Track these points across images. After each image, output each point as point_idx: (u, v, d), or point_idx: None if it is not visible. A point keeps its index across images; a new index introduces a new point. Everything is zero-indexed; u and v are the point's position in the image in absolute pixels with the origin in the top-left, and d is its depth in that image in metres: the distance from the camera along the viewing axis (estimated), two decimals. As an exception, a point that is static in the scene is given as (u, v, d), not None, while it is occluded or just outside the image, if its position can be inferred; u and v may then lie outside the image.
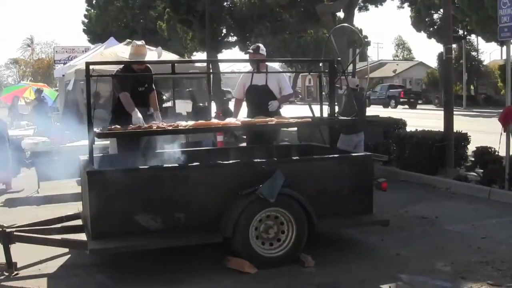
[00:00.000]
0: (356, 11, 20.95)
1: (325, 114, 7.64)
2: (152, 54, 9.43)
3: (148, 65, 8.42)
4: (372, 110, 27.92)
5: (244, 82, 8.82)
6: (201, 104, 17.75)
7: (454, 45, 40.10)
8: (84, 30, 42.90)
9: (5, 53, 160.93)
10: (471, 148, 11.45)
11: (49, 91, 22.24)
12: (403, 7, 24.80)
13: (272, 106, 8.37)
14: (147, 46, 8.81)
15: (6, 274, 5.96)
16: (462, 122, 16.36)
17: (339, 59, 7.65)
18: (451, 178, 10.61)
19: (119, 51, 14.40)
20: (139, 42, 8.46)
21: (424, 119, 25.06)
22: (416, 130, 12.28)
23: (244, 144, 13.36)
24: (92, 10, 41.46)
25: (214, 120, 7.42)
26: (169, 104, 17.02)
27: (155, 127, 6.55)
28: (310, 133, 10.14)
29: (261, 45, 8.69)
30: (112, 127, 6.70)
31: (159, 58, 10.54)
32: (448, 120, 11.22)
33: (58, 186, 10.76)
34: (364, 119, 10.37)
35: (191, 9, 25.44)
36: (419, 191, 10.30)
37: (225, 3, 26.90)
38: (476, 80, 52.29)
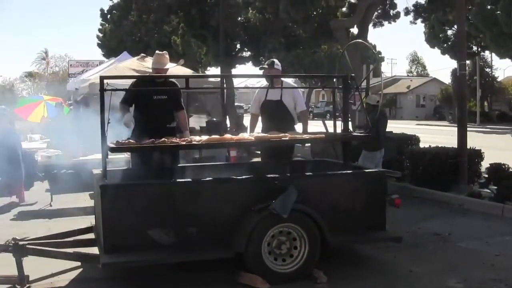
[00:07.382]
0: (370, 26, 20.92)
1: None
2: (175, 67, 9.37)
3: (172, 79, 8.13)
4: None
5: (260, 97, 8.86)
6: (214, 119, 17.80)
7: (468, 61, 40.01)
8: (98, 44, 43.20)
9: (20, 67, 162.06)
10: (484, 164, 11.40)
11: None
12: (416, 23, 24.66)
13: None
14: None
15: (18, 287, 5.96)
16: (476, 139, 16.28)
17: (353, 75, 7.62)
18: (464, 194, 10.55)
19: (133, 65, 14.49)
20: (161, 52, 8.18)
21: (437, 135, 24.97)
22: (430, 146, 12.23)
23: (257, 159, 13.37)
24: (107, 25, 41.74)
25: (228, 135, 7.41)
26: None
27: (168, 142, 6.55)
28: (324, 149, 10.13)
29: (276, 60, 8.70)
30: (126, 141, 6.69)
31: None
32: (462, 137, 11.16)
33: (71, 200, 10.80)
34: (385, 136, 10.40)
35: (205, 24, 25.52)
36: (432, 207, 10.24)
37: (239, 19, 26.94)
38: (490, 96, 52.24)
